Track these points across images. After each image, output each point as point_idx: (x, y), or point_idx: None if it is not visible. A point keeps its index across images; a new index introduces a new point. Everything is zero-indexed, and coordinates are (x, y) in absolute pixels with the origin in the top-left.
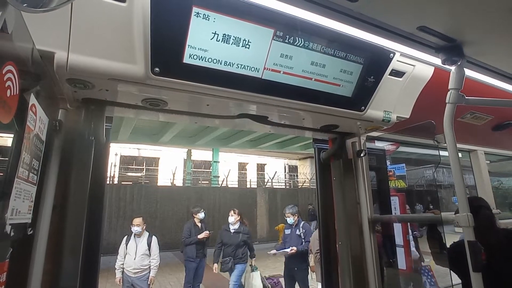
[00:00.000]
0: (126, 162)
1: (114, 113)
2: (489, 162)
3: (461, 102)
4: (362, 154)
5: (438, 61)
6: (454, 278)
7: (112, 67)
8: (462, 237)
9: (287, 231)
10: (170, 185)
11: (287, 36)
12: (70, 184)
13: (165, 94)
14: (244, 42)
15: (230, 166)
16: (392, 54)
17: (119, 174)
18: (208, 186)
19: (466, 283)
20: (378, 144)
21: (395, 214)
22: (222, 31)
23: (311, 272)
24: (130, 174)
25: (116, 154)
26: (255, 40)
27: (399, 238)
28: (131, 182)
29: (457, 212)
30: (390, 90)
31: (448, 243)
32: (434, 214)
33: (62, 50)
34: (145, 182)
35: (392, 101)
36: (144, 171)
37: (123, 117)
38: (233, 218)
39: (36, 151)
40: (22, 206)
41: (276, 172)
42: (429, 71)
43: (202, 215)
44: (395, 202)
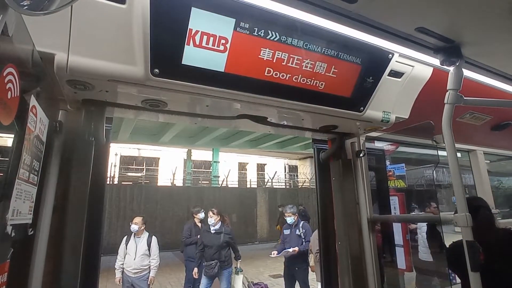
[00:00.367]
0: (126, 162)
1: (114, 114)
2: (489, 161)
3: (459, 103)
4: (361, 155)
5: (436, 61)
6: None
7: (112, 69)
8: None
9: (286, 231)
10: (170, 185)
11: (287, 37)
12: (70, 184)
13: (164, 95)
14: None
15: (230, 166)
16: (390, 55)
17: (119, 174)
18: (208, 186)
19: (465, 283)
20: (378, 144)
21: (395, 213)
22: None
23: (311, 272)
24: (130, 174)
25: (116, 154)
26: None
27: (399, 238)
28: (131, 182)
29: (456, 212)
30: (389, 90)
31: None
32: (433, 214)
33: (62, 52)
34: (145, 182)
35: (391, 101)
36: (144, 171)
37: (123, 117)
38: (212, 220)
39: (36, 152)
40: (23, 206)
41: (276, 172)
42: (427, 72)
43: (202, 215)
44: (395, 202)
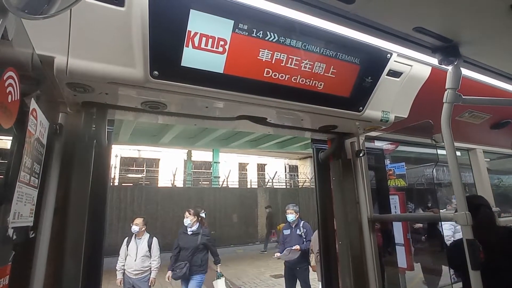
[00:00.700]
0: (127, 163)
1: (114, 116)
2: (489, 160)
3: (458, 102)
4: (361, 154)
5: (434, 61)
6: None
7: (111, 71)
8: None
9: (286, 231)
10: (170, 186)
11: (285, 38)
12: (71, 187)
13: (164, 97)
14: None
15: (230, 167)
16: (389, 55)
17: (120, 175)
18: (208, 187)
19: (466, 282)
20: (377, 143)
21: (395, 213)
22: None
23: (312, 271)
24: (130, 175)
25: (116, 156)
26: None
27: (400, 237)
28: (132, 184)
29: (457, 210)
30: (388, 90)
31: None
32: (433, 212)
33: (62, 55)
34: (145, 183)
35: (390, 101)
36: (144, 172)
37: (123, 119)
38: (188, 220)
39: (37, 155)
40: (24, 209)
41: (276, 172)
42: (426, 71)
43: (203, 216)
44: (395, 201)
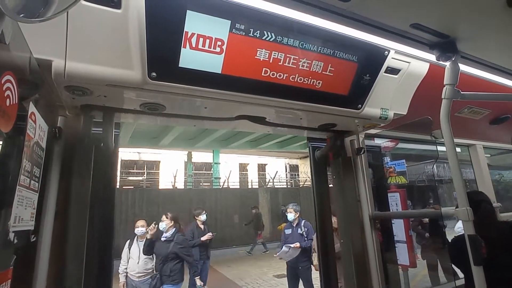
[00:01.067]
0: (127, 166)
1: (113, 118)
2: (489, 155)
3: (456, 97)
4: (361, 152)
5: (432, 57)
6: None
7: (109, 73)
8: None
9: (288, 231)
10: (171, 188)
11: (282, 37)
12: (71, 190)
13: (162, 98)
14: None
15: (231, 167)
16: (386, 52)
17: (120, 178)
18: (209, 188)
19: (468, 278)
20: (377, 141)
21: (397, 210)
22: None
23: (315, 270)
24: (131, 178)
25: None
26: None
27: (401, 234)
28: (133, 186)
29: (458, 206)
30: (386, 87)
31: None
32: (435, 209)
33: (60, 58)
34: (146, 185)
35: (388, 98)
36: (145, 175)
37: (123, 122)
38: (164, 224)
39: (36, 159)
40: (25, 213)
41: (277, 172)
42: (424, 68)
43: (204, 217)
44: (396, 198)
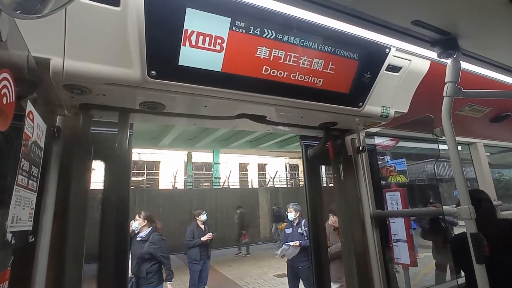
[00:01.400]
0: None
1: (112, 117)
2: (489, 154)
3: (458, 95)
4: (362, 150)
5: (434, 55)
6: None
7: (108, 72)
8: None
9: (288, 230)
10: (171, 188)
11: (283, 35)
12: (70, 190)
13: (162, 97)
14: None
15: (231, 167)
16: (387, 50)
17: None
18: (209, 188)
19: (469, 276)
20: (378, 140)
21: (397, 209)
22: None
23: None
24: (131, 178)
25: None
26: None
27: (402, 233)
28: (133, 187)
29: (458, 204)
30: (387, 85)
31: None
32: (436, 207)
33: (58, 56)
34: (146, 186)
35: (389, 96)
36: (145, 175)
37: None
38: (136, 224)
39: (35, 158)
40: (23, 213)
41: (277, 171)
42: (425, 65)
43: (204, 217)
44: (397, 197)
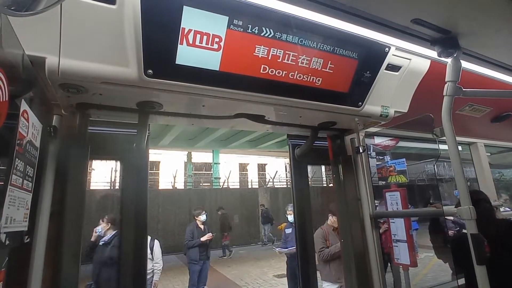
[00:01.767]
0: None
1: (109, 117)
2: (489, 154)
3: (458, 94)
4: (361, 150)
5: (434, 53)
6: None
7: (104, 71)
8: None
9: (288, 230)
10: (171, 188)
11: (281, 33)
12: (67, 190)
13: (159, 96)
14: None
15: (230, 167)
16: (387, 49)
17: None
18: (209, 188)
19: (469, 276)
20: (377, 140)
21: (397, 209)
22: None
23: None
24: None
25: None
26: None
27: (402, 233)
28: None
29: (458, 205)
30: (387, 84)
31: None
32: (436, 208)
33: (53, 55)
34: None
35: (389, 95)
36: None
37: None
38: (100, 228)
39: (30, 158)
40: (17, 214)
41: (277, 171)
42: (425, 64)
43: (204, 217)
44: (397, 197)
